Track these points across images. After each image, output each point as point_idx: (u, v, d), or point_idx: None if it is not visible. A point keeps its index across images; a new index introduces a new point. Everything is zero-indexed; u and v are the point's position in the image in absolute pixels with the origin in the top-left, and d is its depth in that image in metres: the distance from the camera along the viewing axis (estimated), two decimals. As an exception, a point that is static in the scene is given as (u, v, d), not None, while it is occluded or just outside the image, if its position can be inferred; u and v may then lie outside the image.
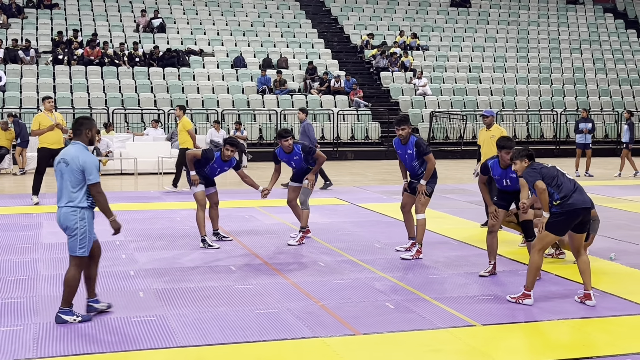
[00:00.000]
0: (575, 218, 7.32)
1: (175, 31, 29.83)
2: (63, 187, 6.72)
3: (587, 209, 7.36)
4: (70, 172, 6.67)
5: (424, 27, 33.57)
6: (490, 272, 8.66)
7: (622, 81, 32.00)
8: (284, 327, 6.61)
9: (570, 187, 7.33)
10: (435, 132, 26.28)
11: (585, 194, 7.41)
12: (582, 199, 7.31)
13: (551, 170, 7.47)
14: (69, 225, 6.69)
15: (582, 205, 7.29)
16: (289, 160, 10.56)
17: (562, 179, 7.38)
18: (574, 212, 7.26)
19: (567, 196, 7.26)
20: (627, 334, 6.66)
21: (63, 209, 6.72)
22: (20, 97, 24.06)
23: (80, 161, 6.65)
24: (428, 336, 6.48)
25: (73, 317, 6.72)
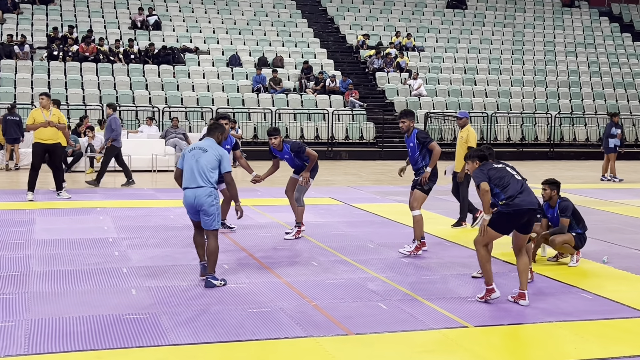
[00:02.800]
0: (519, 218, 7.40)
1: (170, 28, 29.79)
2: (198, 170, 7.72)
3: (533, 210, 7.42)
4: (207, 158, 7.75)
5: (419, 28, 33.59)
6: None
7: (616, 84, 32.08)
8: (277, 326, 6.60)
9: (517, 187, 7.40)
10: (430, 133, 26.29)
11: (532, 196, 7.46)
12: (528, 200, 7.37)
13: (500, 171, 7.53)
14: (205, 206, 7.70)
15: (528, 206, 7.36)
16: (282, 157, 10.74)
17: (510, 180, 7.45)
18: (519, 212, 7.35)
19: (513, 196, 7.34)
20: (620, 336, 6.67)
21: (199, 189, 7.70)
22: (15, 93, 23.98)
23: (219, 151, 7.85)
24: (421, 337, 6.48)
25: (219, 282, 7.88)
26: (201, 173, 7.75)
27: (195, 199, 7.74)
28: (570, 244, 9.22)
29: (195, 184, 7.75)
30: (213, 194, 7.76)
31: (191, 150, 7.92)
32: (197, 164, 7.76)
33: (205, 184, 7.74)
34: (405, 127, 9.68)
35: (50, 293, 7.57)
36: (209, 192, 7.73)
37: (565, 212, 9.17)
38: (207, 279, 7.90)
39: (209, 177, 7.74)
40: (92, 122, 21.96)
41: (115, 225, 11.54)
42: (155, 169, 19.64)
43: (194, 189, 7.75)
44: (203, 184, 7.74)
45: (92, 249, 9.73)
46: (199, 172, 7.75)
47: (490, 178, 7.44)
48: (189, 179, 7.80)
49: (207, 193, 7.72)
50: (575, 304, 7.62)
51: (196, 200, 7.74)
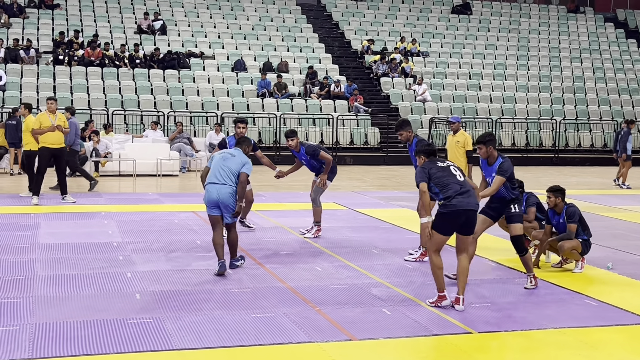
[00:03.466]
0: (457, 219, 7.39)
1: (176, 33, 29.84)
2: (223, 170, 8.66)
3: (471, 211, 7.39)
4: (235, 162, 8.72)
5: (424, 34, 33.61)
6: None
7: (621, 91, 32.04)
8: (280, 331, 6.61)
9: (456, 188, 7.38)
10: (434, 138, 26.29)
11: (472, 197, 7.42)
12: (466, 201, 7.35)
13: (442, 170, 7.51)
14: (227, 202, 8.61)
15: (465, 207, 7.35)
16: (300, 159, 11.14)
17: (450, 180, 7.43)
18: (455, 212, 7.34)
19: (451, 197, 7.34)
20: (625, 343, 6.66)
21: (223, 187, 8.61)
22: (20, 97, 24.03)
23: (244, 159, 8.82)
24: (424, 343, 6.48)
25: (240, 262, 9.07)
26: (228, 173, 8.66)
27: (219, 195, 8.58)
28: (577, 250, 9.20)
29: (219, 181, 8.63)
30: (234, 192, 8.65)
31: (221, 154, 8.91)
32: (224, 165, 8.71)
33: (229, 183, 8.63)
34: (404, 138, 9.57)
35: (55, 297, 7.58)
36: (232, 190, 8.62)
37: (573, 218, 9.16)
38: (231, 262, 8.97)
39: (232, 178, 8.65)
40: (97, 126, 22.00)
41: (119, 229, 11.56)
42: (159, 173, 19.67)
43: (217, 185, 8.62)
44: (226, 182, 8.63)
45: (96, 253, 9.75)
46: (225, 173, 8.67)
47: (430, 177, 7.45)
48: (213, 176, 8.69)
49: (230, 192, 8.61)
50: (579, 310, 7.60)
51: (219, 195, 8.58)
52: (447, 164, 7.65)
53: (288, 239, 11.12)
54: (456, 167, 7.65)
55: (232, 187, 8.64)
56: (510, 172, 8.16)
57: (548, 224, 9.43)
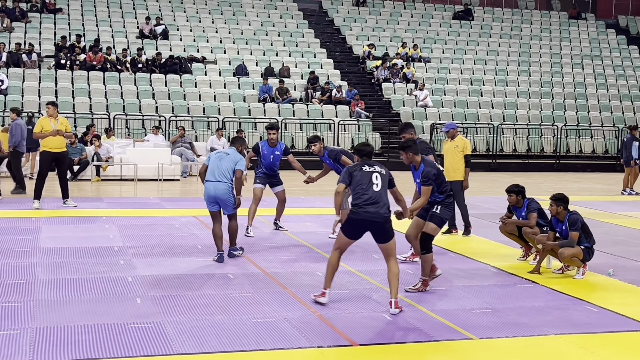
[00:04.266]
0: (361, 227, 7.43)
1: (178, 38, 29.89)
2: (220, 168, 9.53)
3: (376, 222, 7.36)
4: (229, 160, 9.58)
5: (426, 39, 33.64)
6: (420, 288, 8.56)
7: (623, 97, 32.05)
8: (281, 336, 6.60)
9: (366, 197, 7.36)
10: (436, 143, 26.29)
11: (380, 208, 7.35)
12: (372, 212, 7.33)
13: (364, 175, 7.47)
14: (224, 198, 9.50)
15: (369, 217, 7.35)
16: (326, 162, 11.61)
17: (366, 187, 7.40)
18: (359, 221, 7.40)
19: (358, 205, 7.36)
20: (626, 349, 6.65)
21: (219, 184, 9.49)
22: (22, 101, 24.07)
23: (237, 156, 9.67)
24: (425, 348, 6.47)
25: (239, 252, 9.94)
26: (223, 171, 9.51)
27: (215, 191, 9.47)
28: (578, 257, 9.19)
29: (216, 179, 9.50)
30: (230, 188, 9.54)
31: (217, 154, 9.76)
32: (220, 163, 9.56)
33: (224, 181, 9.49)
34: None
35: (56, 301, 7.58)
36: (227, 187, 9.51)
37: (575, 226, 9.15)
38: (229, 251, 9.85)
39: (228, 175, 9.52)
40: (99, 130, 22.02)
41: (120, 234, 11.57)
42: (161, 177, 19.67)
43: (214, 183, 9.49)
44: (222, 180, 9.49)
45: (97, 258, 9.75)
46: (220, 171, 9.52)
47: (351, 180, 7.49)
48: (211, 175, 9.55)
49: (226, 188, 9.49)
50: (580, 316, 7.59)
51: (216, 192, 9.48)
52: (373, 169, 7.54)
53: (289, 244, 11.12)
54: (380, 175, 7.52)
55: (227, 183, 9.49)
56: (432, 178, 8.22)
57: (552, 230, 9.42)
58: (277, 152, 11.82)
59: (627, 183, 19.73)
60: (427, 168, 8.29)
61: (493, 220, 13.27)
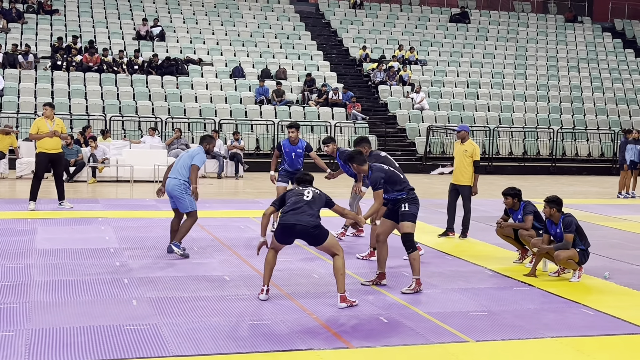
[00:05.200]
0: (284, 231, 7.72)
1: (174, 40, 29.88)
2: (177, 165, 9.76)
3: (298, 225, 7.59)
4: (187, 156, 9.76)
5: (422, 42, 33.69)
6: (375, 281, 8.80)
7: (619, 100, 32.12)
8: (277, 338, 6.59)
9: (290, 205, 7.71)
10: (432, 146, 26.34)
11: (302, 216, 7.61)
12: (295, 218, 7.62)
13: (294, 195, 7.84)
14: (176, 193, 9.71)
15: (289, 221, 7.64)
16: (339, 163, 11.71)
17: (291, 197, 7.78)
18: (285, 226, 7.68)
19: (285, 212, 7.73)
20: (621, 352, 6.66)
21: (172, 180, 9.70)
22: (18, 102, 24.04)
23: (194, 153, 9.82)
24: (421, 351, 6.47)
25: (177, 250, 9.79)
26: (178, 168, 9.77)
27: (170, 187, 9.76)
28: (574, 260, 9.20)
29: (172, 176, 9.79)
30: (182, 184, 9.69)
31: (186, 154, 10.03)
32: (178, 161, 9.87)
33: (177, 177, 9.71)
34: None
35: (51, 303, 7.56)
36: (178, 182, 9.68)
37: (569, 228, 9.16)
38: (170, 245, 9.92)
39: (183, 172, 9.70)
40: (95, 132, 22.00)
41: (116, 235, 11.55)
42: (157, 179, 19.65)
43: (170, 179, 9.81)
44: (175, 177, 9.72)
45: (93, 259, 9.73)
46: (177, 168, 9.80)
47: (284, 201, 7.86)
48: (170, 172, 9.92)
49: (177, 183, 9.68)
50: (576, 319, 7.60)
51: (170, 187, 9.76)
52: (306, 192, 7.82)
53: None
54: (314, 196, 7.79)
55: (179, 180, 9.70)
56: (379, 182, 8.37)
57: (546, 234, 9.43)
58: (299, 149, 12.11)
59: (622, 186, 19.76)
60: (374, 174, 8.48)
61: (489, 223, 13.28)
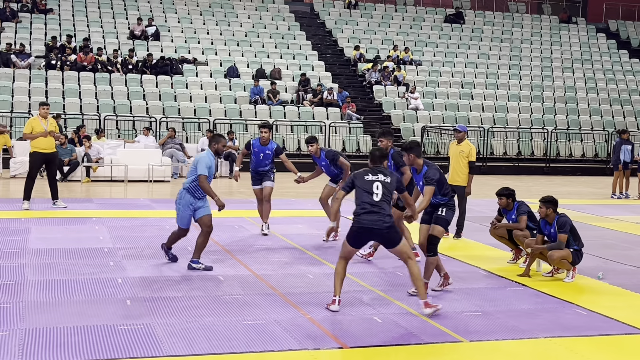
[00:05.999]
0: (362, 235, 7.50)
1: (169, 39, 29.84)
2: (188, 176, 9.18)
3: (376, 229, 7.40)
4: (192, 166, 9.12)
5: (417, 42, 33.71)
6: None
7: (613, 101, 32.19)
8: (271, 338, 6.59)
9: (365, 206, 7.42)
10: (427, 146, 26.35)
11: (379, 216, 7.39)
12: (369, 219, 7.39)
13: (365, 184, 7.54)
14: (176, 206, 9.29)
15: (368, 225, 7.40)
16: (319, 164, 11.48)
17: (364, 197, 7.48)
18: (360, 229, 7.45)
19: (359, 214, 7.45)
20: (614, 353, 6.67)
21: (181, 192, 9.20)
22: (12, 102, 23.98)
23: (197, 158, 9.11)
24: (415, 351, 6.48)
25: (198, 265, 9.20)
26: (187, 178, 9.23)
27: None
28: (567, 260, 9.22)
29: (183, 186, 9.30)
30: (180, 192, 9.20)
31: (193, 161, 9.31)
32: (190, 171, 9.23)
33: (182, 188, 9.23)
34: (384, 146, 9.81)
35: (45, 303, 7.55)
36: (180, 194, 9.19)
37: (564, 228, 9.18)
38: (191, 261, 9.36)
39: (186, 184, 9.16)
40: (89, 131, 21.95)
41: (110, 235, 11.53)
42: (151, 179, 19.63)
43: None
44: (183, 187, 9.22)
45: (87, 259, 9.72)
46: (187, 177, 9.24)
47: (352, 187, 7.59)
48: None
49: (179, 197, 9.21)
50: (570, 319, 7.62)
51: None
52: (377, 177, 7.58)
53: (280, 246, 11.11)
54: (383, 184, 7.54)
55: (182, 191, 9.16)
56: (436, 179, 8.29)
57: (540, 234, 9.45)
58: (268, 151, 11.73)
59: (616, 187, 19.80)
60: (431, 170, 8.37)
61: (483, 223, 13.30)
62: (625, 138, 19.81)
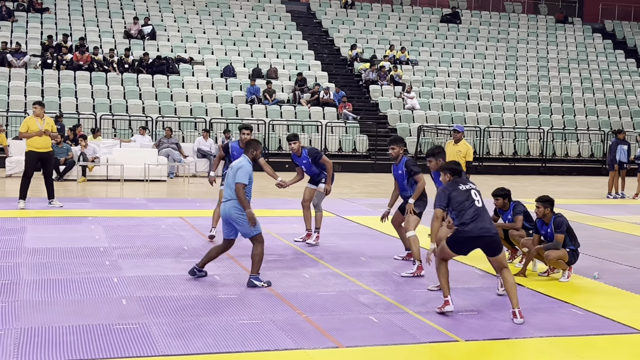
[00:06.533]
0: (470, 244, 7.46)
1: (165, 38, 29.82)
2: (229, 185, 8.40)
3: (486, 236, 7.38)
4: (231, 175, 8.43)
5: (413, 42, 33.73)
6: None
7: (609, 101, 32.24)
8: (267, 338, 6.59)
9: (470, 214, 7.37)
10: (423, 146, 26.35)
11: (486, 222, 7.41)
12: (479, 226, 7.35)
13: (462, 194, 7.49)
14: (233, 217, 8.33)
15: (478, 233, 7.36)
16: (300, 164, 11.13)
17: (468, 205, 7.42)
18: (469, 238, 7.40)
19: (466, 224, 7.36)
20: (610, 352, 6.68)
21: (227, 202, 8.40)
22: (8, 101, 23.94)
23: (238, 165, 8.44)
24: (411, 350, 6.48)
25: (260, 283, 8.40)
26: (231, 187, 8.42)
27: (226, 211, 8.40)
28: (564, 260, 9.23)
29: (226, 198, 8.46)
30: (238, 205, 8.30)
31: (231, 169, 8.59)
32: (229, 181, 8.48)
33: (231, 197, 8.37)
34: (395, 153, 9.69)
35: (41, 302, 7.53)
36: (234, 204, 8.32)
37: (560, 228, 9.19)
38: (250, 279, 8.46)
39: (234, 192, 8.35)
40: (85, 130, 21.92)
41: (106, 234, 11.52)
42: (147, 178, 19.61)
43: (224, 202, 8.47)
44: (229, 198, 8.40)
45: (83, 258, 9.70)
46: (227, 187, 8.46)
47: (450, 200, 7.47)
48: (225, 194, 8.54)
49: (233, 205, 8.33)
50: (565, 319, 7.62)
51: (226, 211, 8.40)
52: (469, 186, 7.58)
53: (275, 246, 11.10)
54: (477, 191, 7.58)
55: (235, 200, 8.33)
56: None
57: (536, 233, 9.45)
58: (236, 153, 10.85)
59: (612, 187, 19.82)
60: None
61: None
62: (621, 138, 19.82)
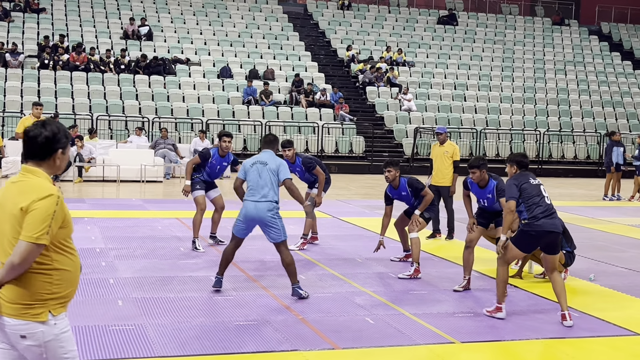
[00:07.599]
0: (540, 239, 7.38)
1: (162, 39, 29.80)
2: (261, 184, 7.89)
3: (555, 233, 7.36)
4: (268, 171, 7.90)
5: (410, 44, 33.75)
6: (465, 287, 8.73)
7: (605, 103, 32.30)
8: (263, 339, 6.59)
9: (542, 209, 7.32)
10: (419, 148, 26.37)
11: (555, 219, 7.40)
12: (550, 222, 7.31)
13: (533, 188, 7.43)
14: (267, 220, 7.86)
15: (549, 228, 7.31)
16: (293, 170, 10.67)
17: (538, 200, 7.36)
18: (540, 233, 7.31)
19: (537, 217, 7.29)
20: (605, 354, 6.69)
21: (260, 204, 7.87)
22: (4, 101, 23.91)
23: (277, 161, 8.00)
24: (407, 352, 6.48)
25: (304, 292, 8.06)
26: (261, 189, 7.92)
27: (257, 211, 7.90)
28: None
29: (257, 198, 7.92)
30: (275, 208, 7.93)
31: (253, 165, 8.05)
32: (260, 178, 7.94)
33: (265, 199, 7.90)
34: (392, 176, 9.52)
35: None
36: (270, 206, 7.89)
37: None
38: (293, 288, 8.07)
39: (269, 193, 7.90)
40: (82, 131, 21.90)
41: (102, 235, 11.51)
42: (143, 179, 19.59)
43: (255, 202, 7.93)
44: (261, 199, 7.90)
45: (79, 259, 9.67)
46: (258, 187, 7.93)
47: (521, 193, 7.35)
48: (251, 193, 7.98)
49: (268, 207, 7.88)
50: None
51: (259, 213, 7.89)
52: (538, 181, 7.53)
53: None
54: (542, 186, 7.52)
55: (270, 202, 7.92)
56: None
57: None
58: (225, 162, 10.68)
59: (608, 188, 19.84)
60: (500, 182, 8.50)
61: (475, 224, 13.30)
62: (616, 140, 19.82)
